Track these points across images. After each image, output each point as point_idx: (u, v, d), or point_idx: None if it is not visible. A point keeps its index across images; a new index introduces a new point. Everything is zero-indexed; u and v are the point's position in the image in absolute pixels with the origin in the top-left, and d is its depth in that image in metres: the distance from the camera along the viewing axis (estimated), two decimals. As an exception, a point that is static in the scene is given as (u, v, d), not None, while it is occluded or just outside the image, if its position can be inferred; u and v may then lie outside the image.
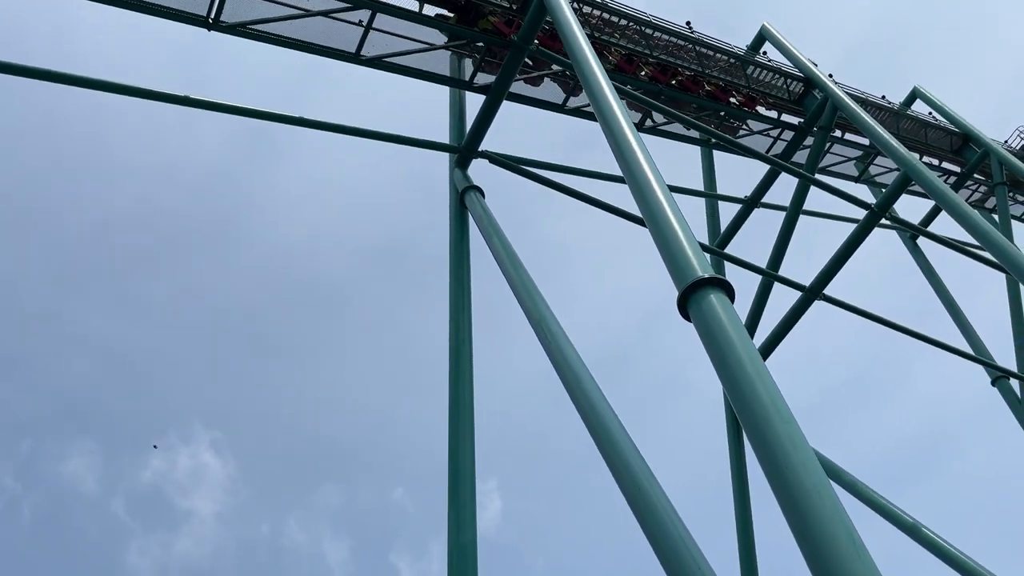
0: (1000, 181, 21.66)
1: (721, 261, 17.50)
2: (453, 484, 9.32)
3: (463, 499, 9.14)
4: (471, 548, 8.71)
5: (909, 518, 13.27)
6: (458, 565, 8.55)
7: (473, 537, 8.77)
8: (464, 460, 9.50)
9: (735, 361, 5.61)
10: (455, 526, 8.86)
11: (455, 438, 9.77)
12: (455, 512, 9.02)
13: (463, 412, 10.10)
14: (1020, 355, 18.76)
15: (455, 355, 10.76)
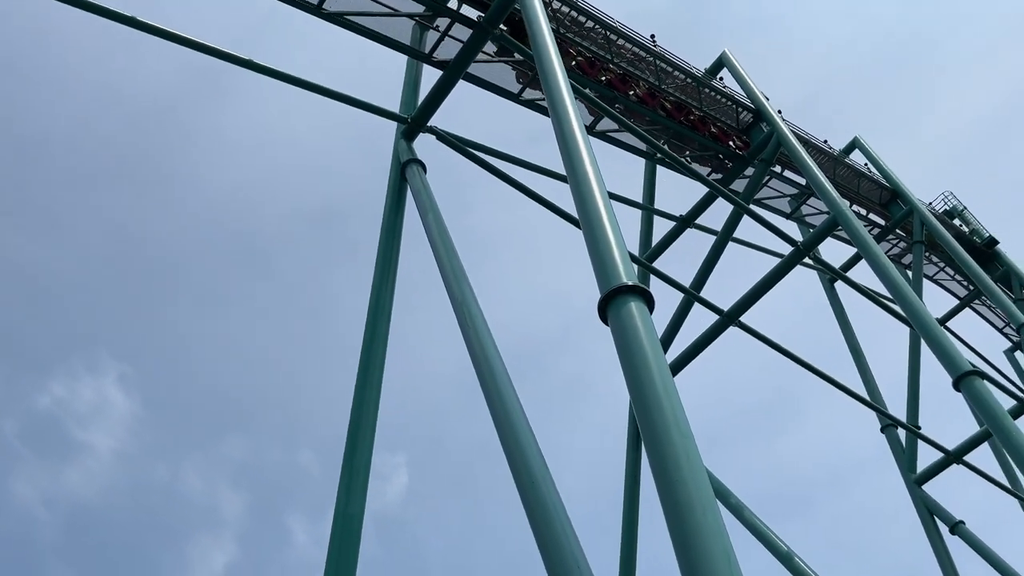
0: (919, 240, 22.57)
1: (648, 274, 17.77)
2: (349, 453, 9.23)
3: (357, 469, 9.05)
4: (357, 519, 8.64)
5: (785, 547, 13.75)
6: (341, 535, 8.48)
7: (361, 509, 8.71)
8: (364, 431, 9.42)
9: (644, 369, 5.71)
10: (344, 495, 8.78)
11: (358, 408, 9.68)
12: (347, 481, 8.93)
13: (370, 384, 10.00)
14: (911, 407, 19.60)
15: (371, 326, 10.65)
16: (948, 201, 29.05)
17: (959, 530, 17.17)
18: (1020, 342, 27.06)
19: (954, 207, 28.80)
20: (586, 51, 17.27)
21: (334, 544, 8.36)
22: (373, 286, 11.20)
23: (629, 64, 18.33)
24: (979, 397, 11.65)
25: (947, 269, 26.94)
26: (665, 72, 19.09)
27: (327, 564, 8.24)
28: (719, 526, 4.64)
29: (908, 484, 18.89)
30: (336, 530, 8.49)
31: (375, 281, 11.25)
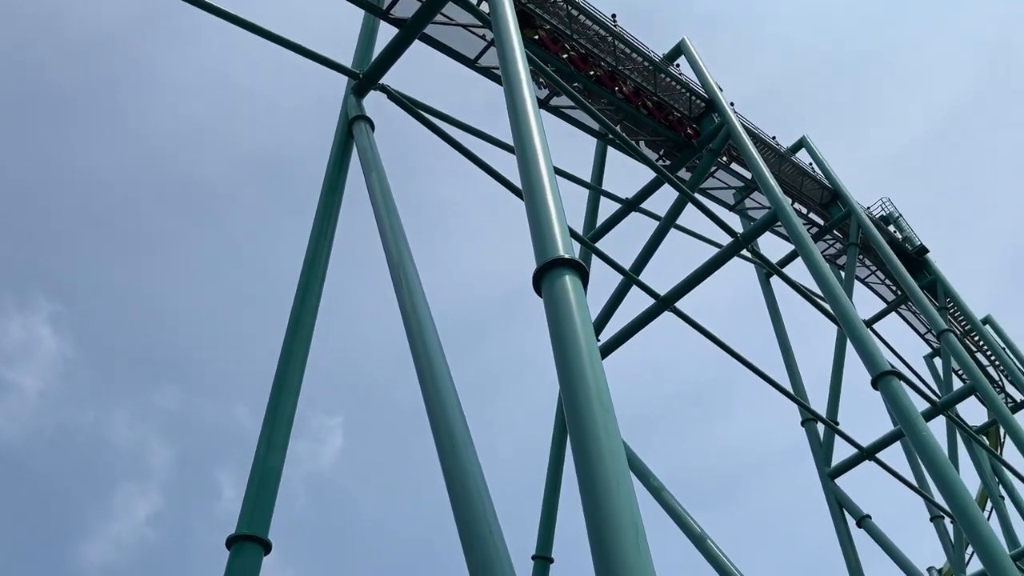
0: (855, 242, 23.16)
1: (589, 254, 17.86)
2: (273, 406, 9.09)
3: (279, 423, 8.93)
4: (275, 474, 8.53)
5: (699, 529, 14.08)
6: (258, 489, 8.35)
7: (279, 463, 8.60)
8: (289, 386, 9.28)
9: (571, 342, 5.73)
10: (264, 448, 8.65)
11: (285, 362, 9.52)
12: (268, 434, 8.80)
13: (299, 339, 9.84)
14: (831, 403, 20.20)
15: (305, 281, 10.47)
16: (885, 207, 29.84)
17: (865, 524, 17.80)
18: (939, 348, 28.08)
19: (890, 214, 29.59)
20: (547, 24, 17.16)
21: (250, 497, 8.24)
22: (310, 241, 11.00)
23: (591, 44, 18.28)
24: (895, 397, 12.04)
25: (878, 273, 27.73)
26: (624, 55, 19.10)
27: (241, 517, 8.12)
28: (630, 500, 4.70)
29: (822, 477, 19.49)
30: (253, 483, 8.37)
31: (312, 236, 11.05)
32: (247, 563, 7.84)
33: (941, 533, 23.43)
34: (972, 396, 22.75)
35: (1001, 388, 29.79)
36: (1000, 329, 29.87)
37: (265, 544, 8.07)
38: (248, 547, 7.94)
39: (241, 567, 7.81)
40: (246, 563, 7.84)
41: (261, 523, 8.16)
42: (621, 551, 4.52)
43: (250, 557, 7.88)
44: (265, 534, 8.14)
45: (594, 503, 4.68)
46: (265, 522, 8.18)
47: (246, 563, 7.84)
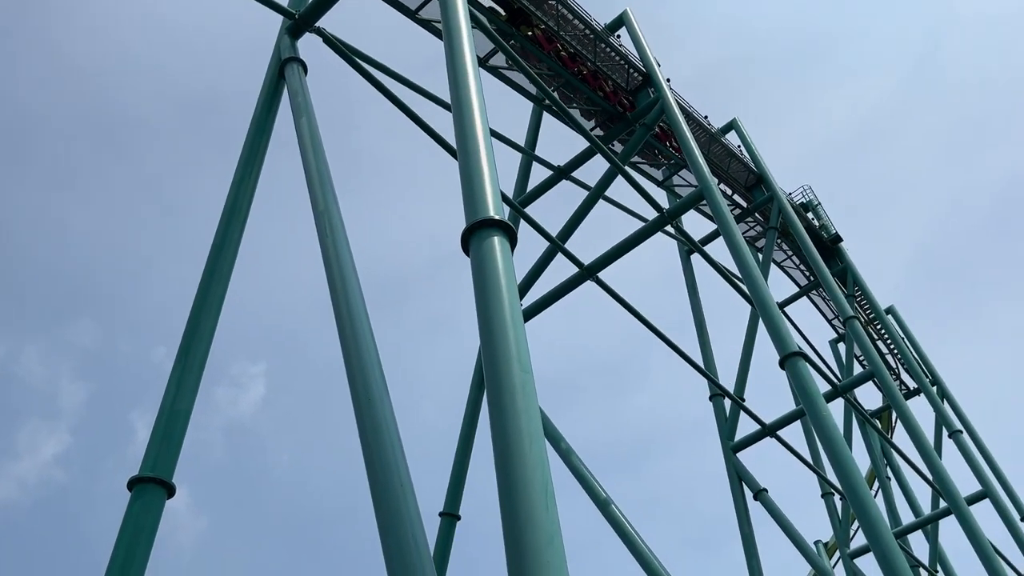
0: (774, 226, 23.81)
1: (518, 218, 17.87)
2: (185, 348, 8.85)
3: (191, 365, 8.71)
4: (183, 417, 8.34)
5: (604, 494, 14.42)
6: (165, 431, 8.16)
7: (188, 407, 8.41)
8: (203, 329, 9.06)
9: (495, 301, 5.76)
10: (174, 389, 8.43)
11: (200, 304, 9.28)
12: (178, 375, 8.57)
13: (216, 283, 9.59)
14: (739, 380, 20.85)
15: (225, 224, 10.19)
16: (806, 195, 30.75)
17: (761, 497, 18.53)
18: (844, 334, 29.27)
19: (810, 201, 30.51)
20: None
21: (155, 439, 8.05)
22: (233, 183, 10.69)
23: (532, 3, 18.12)
24: (800, 378, 12.52)
25: (794, 258, 28.63)
26: (565, 19, 19.01)
27: (145, 459, 7.93)
28: (543, 460, 4.78)
29: (725, 450, 20.17)
30: (160, 425, 8.17)
31: (236, 178, 10.74)
32: (149, 506, 7.68)
33: (831, 509, 24.64)
34: (870, 381, 23.84)
35: (897, 376, 31.34)
36: (901, 320, 31.32)
37: (169, 487, 7.92)
38: (151, 489, 7.77)
39: (143, 509, 7.64)
40: (148, 505, 7.68)
41: (166, 466, 7.99)
42: (530, 510, 4.61)
43: (152, 500, 7.72)
44: (169, 477, 7.98)
45: (506, 461, 4.74)
46: (170, 465, 8.02)
47: (148, 505, 7.68)
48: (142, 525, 7.53)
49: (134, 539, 7.40)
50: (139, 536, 7.43)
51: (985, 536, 17.88)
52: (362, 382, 6.74)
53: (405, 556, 5.29)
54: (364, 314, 7.49)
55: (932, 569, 24.89)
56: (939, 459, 19.47)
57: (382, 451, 6.14)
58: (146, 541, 7.43)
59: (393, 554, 5.34)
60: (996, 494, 22.76)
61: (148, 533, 7.48)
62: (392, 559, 5.32)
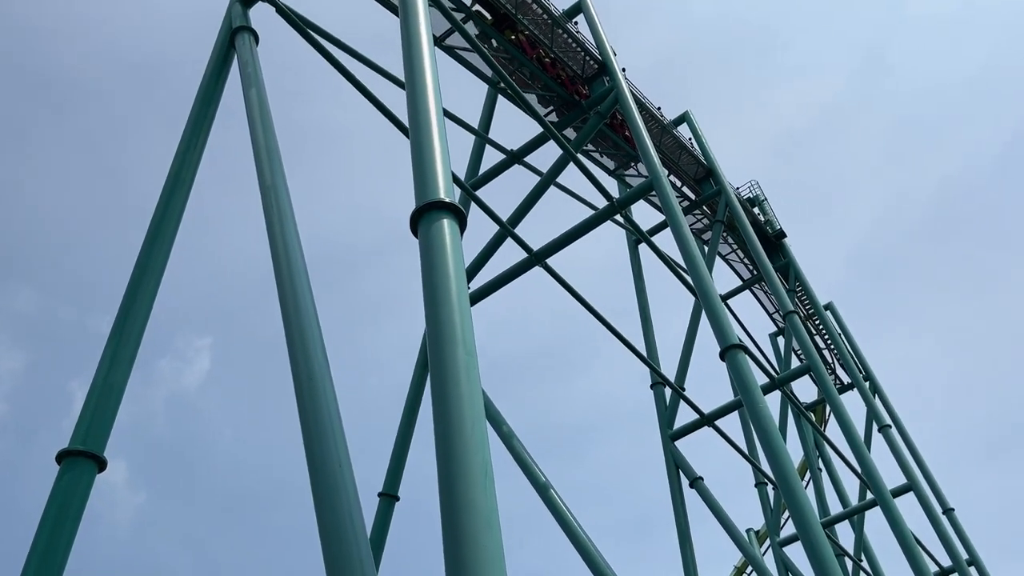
0: (721, 220, 24.16)
1: (468, 201, 17.82)
2: (122, 319, 8.63)
3: (127, 337, 8.50)
4: (117, 390, 8.14)
5: (544, 478, 14.53)
6: (97, 404, 7.96)
7: (124, 379, 8.21)
8: (141, 300, 8.83)
9: (443, 285, 5.73)
10: (108, 361, 8.22)
11: (140, 275, 9.05)
12: (114, 347, 8.36)
13: (156, 254, 9.36)
14: (680, 369, 21.17)
15: (168, 193, 9.94)
16: (753, 190, 31.26)
17: (697, 485, 18.89)
18: (784, 328, 29.92)
19: (756, 196, 31.03)
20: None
21: (87, 411, 7.84)
22: (178, 152, 10.43)
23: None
24: (739, 369, 12.75)
25: (739, 251, 29.11)
26: (524, 3, 18.94)
27: (75, 432, 7.72)
28: (483, 442, 4.79)
29: (664, 438, 20.49)
30: (92, 397, 7.96)
31: (181, 146, 10.48)
32: (78, 479, 7.49)
33: (763, 498, 25.26)
34: (807, 375, 24.43)
35: (832, 370, 32.17)
36: (839, 316, 32.12)
37: (100, 461, 7.73)
38: (80, 463, 7.58)
39: (72, 483, 7.45)
40: (77, 479, 7.49)
41: (97, 439, 7.80)
42: (469, 492, 4.62)
43: (82, 473, 7.54)
44: (101, 451, 7.79)
45: (447, 443, 4.74)
46: (102, 439, 7.83)
47: (77, 479, 7.49)
48: (70, 499, 7.34)
49: (61, 513, 7.21)
50: (67, 510, 7.24)
51: (908, 528, 18.53)
52: (303, 358, 6.67)
53: (340, 534, 5.26)
54: (308, 290, 7.40)
55: (857, 558, 25.72)
56: (868, 452, 20.08)
57: (321, 429, 6.09)
58: (74, 516, 7.25)
59: (329, 532, 5.31)
60: (920, 487, 23.58)
61: (76, 507, 7.30)
62: (327, 537, 5.29)
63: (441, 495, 4.72)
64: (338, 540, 5.27)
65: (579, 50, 20.31)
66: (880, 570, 26.68)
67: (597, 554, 12.98)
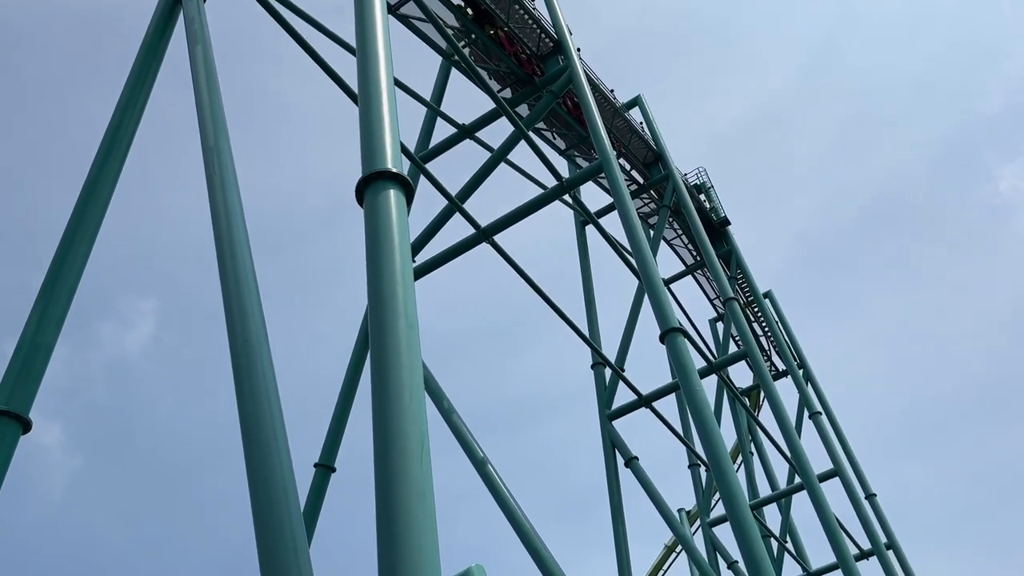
0: (667, 205, 24.42)
1: (417, 173, 17.66)
2: (52, 278, 8.34)
3: (57, 297, 8.23)
4: (45, 350, 7.90)
5: (481, 453, 14.60)
6: (24, 364, 7.70)
7: (52, 340, 7.96)
8: (73, 259, 8.56)
9: (387, 255, 5.68)
10: (36, 321, 7.95)
11: (72, 233, 8.75)
12: (43, 306, 8.08)
13: (91, 212, 9.07)
14: (621, 351, 21.41)
15: (105, 151, 9.62)
16: (700, 176, 31.65)
17: (632, 464, 19.19)
18: (723, 314, 30.48)
19: (703, 183, 31.43)
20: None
21: (12, 371, 7.59)
22: (117, 108, 10.08)
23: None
24: (678, 352, 12.96)
25: (683, 237, 29.49)
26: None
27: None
28: (421, 415, 4.78)
29: (601, 418, 20.75)
30: (18, 357, 7.70)
31: (120, 103, 10.12)
32: (1, 440, 7.27)
33: (696, 479, 25.81)
34: (743, 361, 24.95)
35: (768, 357, 32.91)
36: (777, 304, 32.83)
37: (24, 422, 7.51)
38: (3, 423, 7.35)
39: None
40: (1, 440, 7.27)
41: (22, 400, 7.57)
42: (404, 464, 4.61)
43: (4, 434, 7.31)
44: (26, 412, 7.56)
45: (384, 414, 4.72)
46: (27, 399, 7.59)
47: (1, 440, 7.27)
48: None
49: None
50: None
51: (832, 511, 19.15)
52: (240, 326, 6.55)
53: (272, 503, 5.21)
54: (248, 257, 7.26)
55: (782, 539, 26.51)
56: (798, 438, 20.65)
57: (256, 396, 6.00)
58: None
59: (260, 500, 5.25)
60: (846, 473, 24.36)
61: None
62: (259, 505, 5.23)
63: (376, 466, 4.70)
64: (269, 509, 5.22)
65: (535, 27, 20.21)
66: (804, 551, 27.57)
67: (531, 530, 13.13)
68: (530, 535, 13.16)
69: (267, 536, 5.09)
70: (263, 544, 5.07)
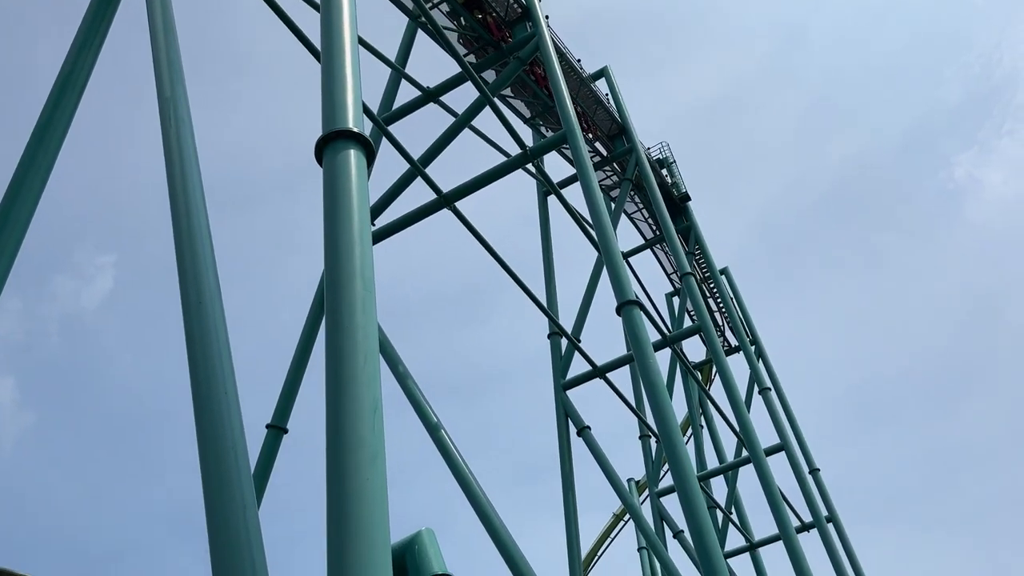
0: (629, 178, 24.47)
1: (379, 135, 17.43)
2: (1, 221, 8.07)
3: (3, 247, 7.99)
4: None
5: (435, 418, 14.62)
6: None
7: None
8: (21, 206, 8.30)
9: (345, 215, 5.60)
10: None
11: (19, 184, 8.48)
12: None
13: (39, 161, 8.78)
14: (578, 321, 21.53)
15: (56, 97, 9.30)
16: (663, 151, 31.76)
17: (584, 434, 19.39)
18: (680, 289, 30.81)
19: (666, 158, 31.55)
20: None
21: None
22: (70, 52, 9.73)
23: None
24: (633, 325, 13.06)
25: (644, 211, 29.64)
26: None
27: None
28: (375, 378, 4.75)
29: (556, 387, 20.91)
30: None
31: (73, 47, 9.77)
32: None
33: (646, 450, 26.21)
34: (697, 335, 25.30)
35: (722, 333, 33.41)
36: (733, 281, 33.26)
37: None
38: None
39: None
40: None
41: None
42: (356, 426, 4.59)
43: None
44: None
45: (338, 376, 4.68)
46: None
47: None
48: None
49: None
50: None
51: (776, 485, 19.61)
52: (194, 283, 6.43)
53: (221, 463, 5.15)
54: (203, 213, 7.11)
55: (728, 511, 27.13)
56: (747, 413, 21.05)
57: (208, 354, 5.91)
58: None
59: (209, 459, 5.19)
60: (791, 448, 24.93)
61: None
62: (208, 465, 5.17)
63: (328, 428, 4.67)
64: (218, 468, 5.16)
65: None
66: (748, 523, 28.27)
67: (482, 495, 13.22)
68: (481, 500, 13.25)
69: (215, 495, 5.05)
70: (211, 503, 5.03)
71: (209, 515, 4.98)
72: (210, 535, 4.88)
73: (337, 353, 4.83)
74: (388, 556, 4.27)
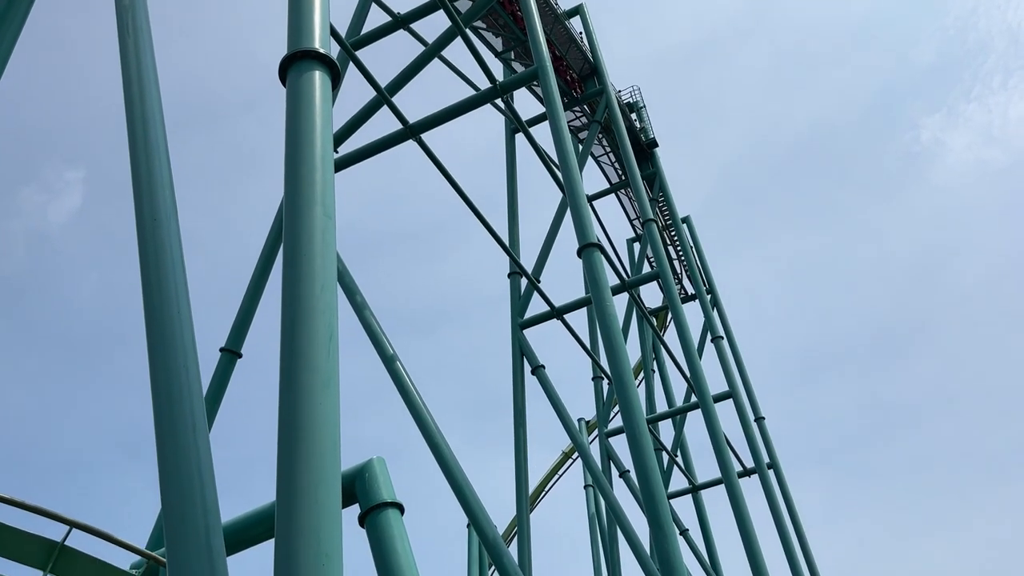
0: (598, 120, 24.31)
1: (346, 59, 16.99)
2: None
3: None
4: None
5: (392, 350, 14.65)
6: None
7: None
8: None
9: (307, 139, 5.48)
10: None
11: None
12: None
13: None
14: (539, 262, 21.56)
15: None
16: (633, 95, 31.52)
17: (539, 372, 19.60)
18: (642, 235, 30.96)
19: (636, 102, 31.34)
20: None
21: None
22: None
23: None
24: (593, 268, 13.13)
25: (610, 155, 29.54)
26: None
27: None
28: (331, 306, 4.72)
29: (513, 326, 21.03)
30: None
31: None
32: None
33: (598, 392, 26.63)
34: (655, 281, 25.52)
35: (679, 280, 33.78)
36: (694, 230, 33.51)
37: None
38: None
39: None
40: None
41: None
42: (311, 353, 4.57)
43: None
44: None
45: (294, 302, 4.64)
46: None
47: None
48: None
49: None
50: None
51: (722, 430, 20.12)
52: (148, 200, 6.27)
53: (173, 384, 5.11)
54: (161, 130, 6.89)
55: (673, 453, 27.82)
56: (699, 359, 21.43)
57: (162, 275, 5.80)
58: None
59: (160, 380, 5.14)
60: (739, 395, 25.54)
61: None
62: (159, 384, 5.12)
63: (282, 353, 4.64)
64: (169, 389, 5.12)
65: (482, -81, 19.39)
66: (692, 466, 29.05)
67: (434, 427, 13.35)
68: (433, 433, 13.39)
69: (165, 416, 5.02)
70: (161, 424, 5.00)
71: (159, 435, 4.95)
72: (159, 454, 4.86)
73: (294, 279, 4.78)
74: (338, 481, 4.31)
